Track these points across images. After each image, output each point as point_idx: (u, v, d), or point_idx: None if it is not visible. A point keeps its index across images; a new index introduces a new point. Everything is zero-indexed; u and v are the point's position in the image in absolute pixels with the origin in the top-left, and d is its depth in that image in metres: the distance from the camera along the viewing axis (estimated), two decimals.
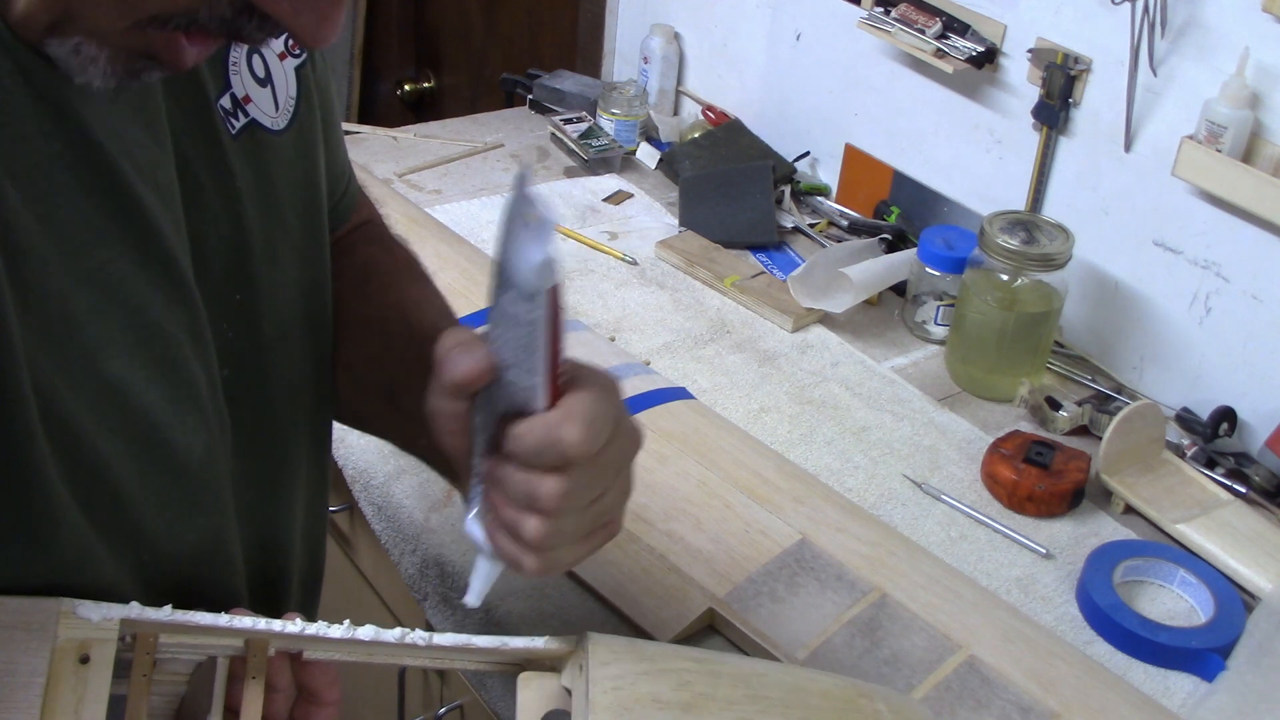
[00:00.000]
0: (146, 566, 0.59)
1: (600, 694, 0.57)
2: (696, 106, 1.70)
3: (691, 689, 0.59)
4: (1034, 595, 0.96)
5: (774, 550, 0.94)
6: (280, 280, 0.66)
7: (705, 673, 0.60)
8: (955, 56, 1.27)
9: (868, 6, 1.37)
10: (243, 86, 0.62)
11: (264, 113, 0.64)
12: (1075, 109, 1.23)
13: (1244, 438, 1.15)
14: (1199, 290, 1.16)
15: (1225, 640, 0.91)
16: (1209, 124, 1.06)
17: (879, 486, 1.07)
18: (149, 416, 0.56)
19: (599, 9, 1.80)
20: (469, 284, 1.22)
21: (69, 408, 0.52)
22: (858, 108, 1.47)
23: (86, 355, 0.53)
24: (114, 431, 0.55)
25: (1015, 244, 1.14)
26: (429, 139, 1.64)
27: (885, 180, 1.46)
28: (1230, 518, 1.03)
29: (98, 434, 0.54)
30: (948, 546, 1.00)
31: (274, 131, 0.64)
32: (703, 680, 0.60)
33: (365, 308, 0.74)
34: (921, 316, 1.29)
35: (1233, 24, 1.06)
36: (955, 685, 0.84)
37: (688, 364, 1.21)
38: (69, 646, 0.52)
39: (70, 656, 0.52)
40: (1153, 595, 0.98)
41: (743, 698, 0.59)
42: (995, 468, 1.06)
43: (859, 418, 1.15)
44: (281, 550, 0.72)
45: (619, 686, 0.58)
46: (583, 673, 0.59)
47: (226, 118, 0.61)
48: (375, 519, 1.01)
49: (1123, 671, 0.90)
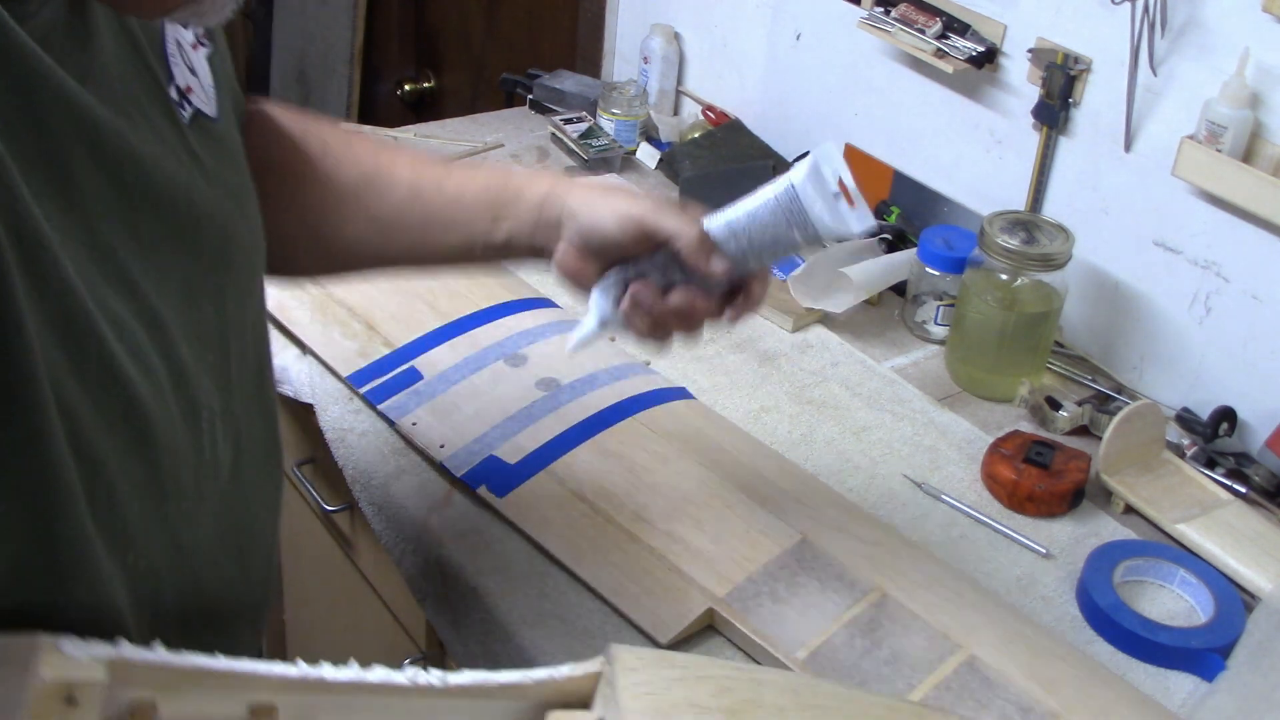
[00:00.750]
0: (133, 570, 0.58)
1: (631, 699, 0.54)
2: (696, 106, 1.70)
3: (734, 695, 0.56)
4: (1034, 595, 0.97)
5: (774, 550, 0.94)
6: (244, 265, 0.68)
7: (747, 679, 0.57)
8: (955, 56, 1.27)
9: (868, 6, 1.38)
10: (184, 77, 0.62)
11: (203, 101, 0.64)
12: (1075, 109, 1.23)
13: (1244, 438, 1.15)
14: (1199, 290, 1.16)
15: (1225, 640, 0.91)
16: (1209, 124, 1.06)
17: (879, 486, 1.07)
18: (142, 408, 0.56)
19: (599, 9, 1.80)
20: (469, 284, 1.22)
21: (74, 396, 0.52)
22: (858, 108, 1.48)
23: (93, 342, 0.53)
24: (111, 424, 0.54)
25: (1015, 244, 1.14)
26: (429, 139, 1.64)
27: (885, 180, 1.46)
28: (1230, 518, 1.03)
29: (97, 425, 0.53)
30: (948, 546, 1.00)
31: (214, 120, 0.65)
32: (745, 687, 0.57)
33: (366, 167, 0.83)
34: (921, 316, 1.29)
35: (1233, 24, 1.06)
36: (955, 685, 0.84)
37: (688, 364, 1.21)
38: (53, 687, 0.48)
39: (55, 696, 0.48)
40: (1153, 595, 0.98)
41: (792, 705, 0.56)
42: (995, 468, 1.06)
43: (859, 418, 1.15)
44: (255, 547, 0.72)
45: (652, 692, 0.55)
46: (612, 688, 0.55)
47: (176, 107, 0.62)
48: (375, 519, 1.01)
49: (1123, 671, 0.90)
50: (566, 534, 0.95)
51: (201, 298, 0.62)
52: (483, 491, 0.99)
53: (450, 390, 1.08)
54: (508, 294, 1.22)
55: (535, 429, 1.04)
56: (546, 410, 1.06)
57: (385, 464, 1.04)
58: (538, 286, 1.27)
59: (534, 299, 1.23)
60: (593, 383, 1.10)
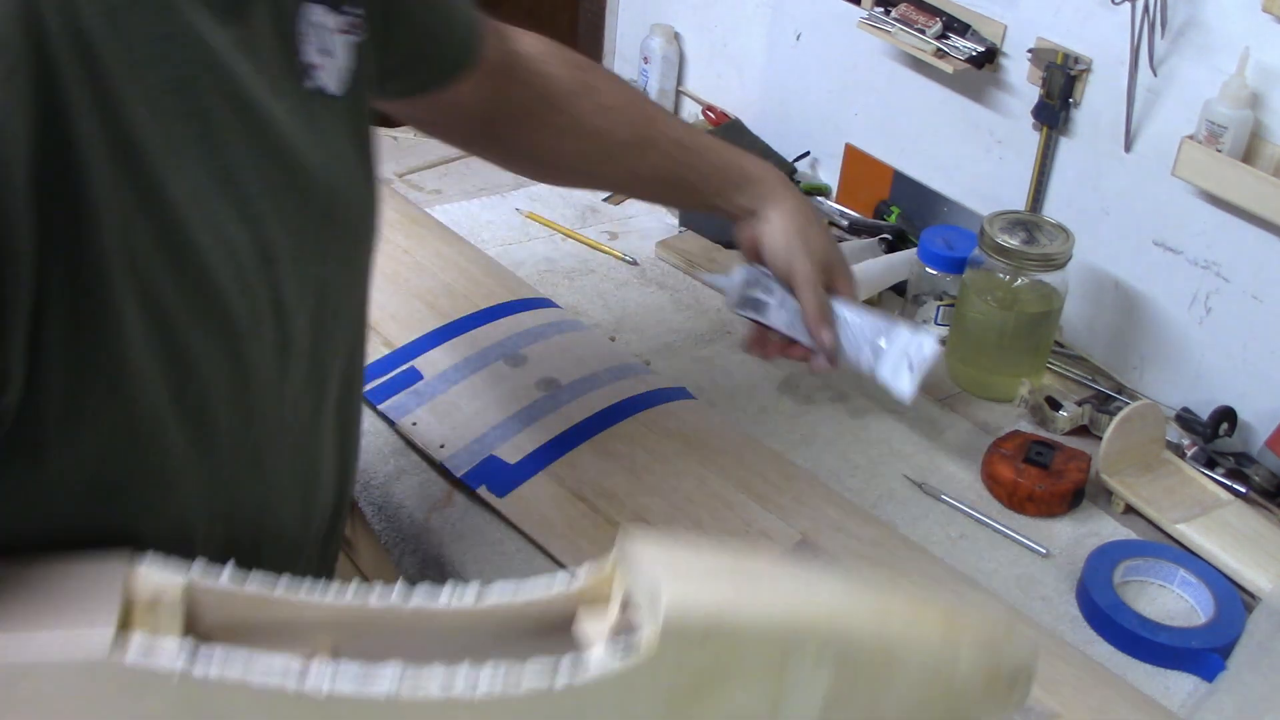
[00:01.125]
0: (215, 479, 0.61)
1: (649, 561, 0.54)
2: (696, 106, 1.70)
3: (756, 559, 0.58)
4: (1034, 595, 0.96)
5: (774, 550, 0.94)
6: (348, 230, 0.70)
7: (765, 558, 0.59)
8: (955, 56, 1.27)
9: (868, 6, 1.37)
10: (309, 54, 0.66)
11: (328, 78, 0.67)
12: (1075, 109, 1.23)
13: (1244, 438, 1.15)
14: (1199, 290, 1.16)
15: (1225, 640, 0.91)
16: (1209, 124, 1.06)
17: (879, 486, 1.07)
18: (235, 324, 0.58)
19: (599, 9, 1.80)
20: (469, 284, 1.22)
21: (166, 297, 0.54)
22: (858, 108, 1.47)
23: (192, 252, 0.55)
24: (206, 333, 0.57)
25: (1015, 244, 1.14)
26: (429, 139, 1.63)
27: (885, 180, 1.46)
28: (1230, 518, 1.03)
29: (190, 328, 0.56)
30: (948, 546, 1.00)
31: (336, 96, 0.68)
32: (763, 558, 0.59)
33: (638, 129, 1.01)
34: (921, 316, 1.29)
35: (1233, 24, 1.06)
36: None
37: (688, 364, 1.21)
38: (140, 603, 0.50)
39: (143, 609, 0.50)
40: (1153, 595, 0.98)
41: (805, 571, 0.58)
42: (995, 467, 1.06)
43: (859, 418, 1.15)
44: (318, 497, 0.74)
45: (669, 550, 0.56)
46: (627, 559, 0.56)
47: (300, 76, 0.65)
48: (375, 519, 1.01)
49: (1123, 671, 0.90)
50: (566, 534, 0.95)
51: (308, 244, 0.65)
52: (483, 491, 0.99)
53: (450, 390, 1.08)
54: (508, 294, 1.22)
55: (535, 429, 1.04)
56: (546, 410, 1.06)
57: (385, 464, 1.04)
58: (538, 287, 1.27)
59: (534, 299, 1.23)
60: (593, 383, 1.10)
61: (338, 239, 0.68)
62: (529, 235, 1.42)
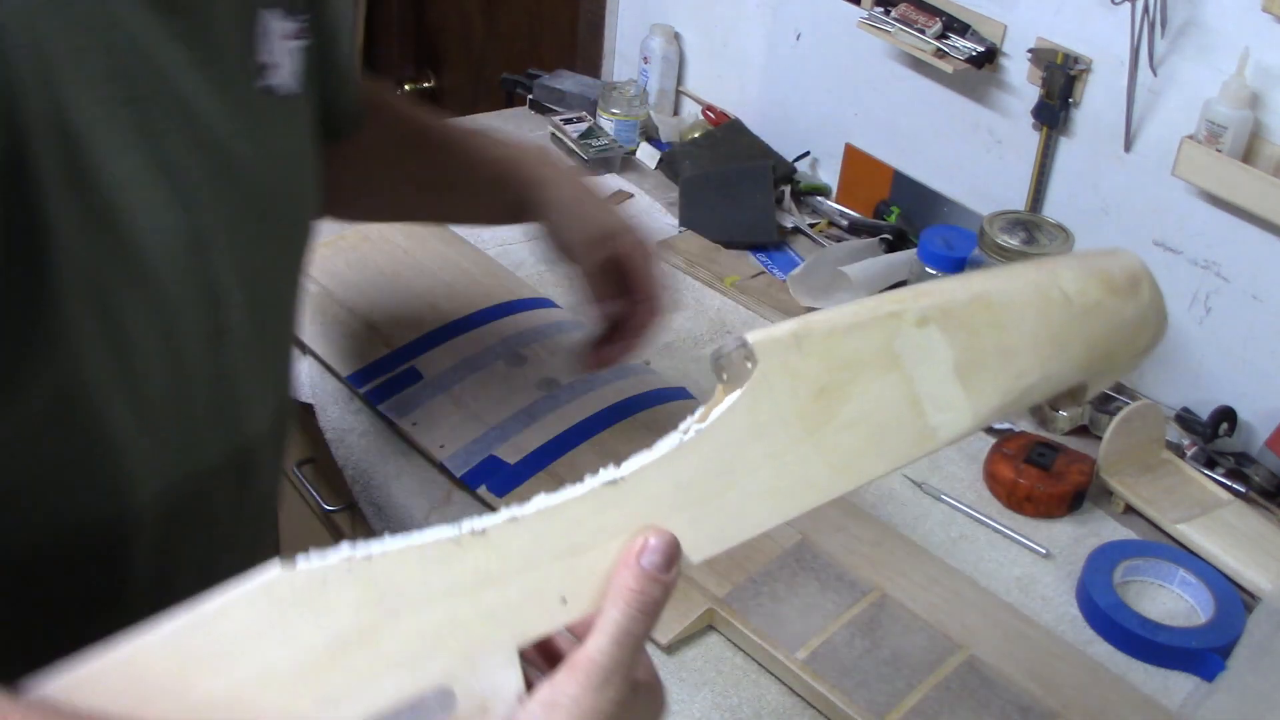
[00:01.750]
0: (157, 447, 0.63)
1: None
2: (696, 106, 1.70)
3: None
4: (1034, 595, 0.97)
5: (774, 550, 0.94)
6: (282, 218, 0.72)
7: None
8: (955, 56, 1.27)
9: (868, 6, 1.37)
10: (266, 55, 0.67)
11: (279, 79, 0.69)
12: (1075, 109, 1.23)
13: (1244, 438, 1.15)
14: (1199, 290, 1.16)
15: (1225, 640, 0.91)
16: (1209, 124, 1.06)
17: (879, 486, 1.07)
18: (165, 296, 0.60)
19: (599, 9, 1.80)
20: (469, 284, 1.22)
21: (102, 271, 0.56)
22: (858, 108, 1.47)
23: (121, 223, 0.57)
24: (138, 305, 0.59)
25: (1015, 244, 1.14)
26: None
27: (885, 180, 1.46)
28: (1230, 518, 1.03)
29: (126, 303, 0.58)
30: (948, 546, 1.00)
31: (283, 97, 0.69)
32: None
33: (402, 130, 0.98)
34: None
35: (1233, 24, 1.06)
36: (955, 685, 0.84)
37: (688, 364, 1.21)
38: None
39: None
40: (1153, 595, 0.98)
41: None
42: (996, 467, 1.06)
43: None
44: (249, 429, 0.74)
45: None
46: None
47: (253, 75, 0.67)
48: (375, 519, 1.01)
49: (1123, 671, 0.90)
50: None
51: (244, 234, 0.66)
52: (483, 491, 0.99)
53: (450, 390, 1.08)
54: (508, 294, 1.22)
55: (535, 429, 1.04)
56: (546, 410, 1.06)
57: (385, 464, 1.04)
58: (538, 287, 1.27)
59: (534, 299, 1.23)
60: (593, 383, 1.10)
61: (275, 232, 0.70)
62: (529, 235, 1.42)
